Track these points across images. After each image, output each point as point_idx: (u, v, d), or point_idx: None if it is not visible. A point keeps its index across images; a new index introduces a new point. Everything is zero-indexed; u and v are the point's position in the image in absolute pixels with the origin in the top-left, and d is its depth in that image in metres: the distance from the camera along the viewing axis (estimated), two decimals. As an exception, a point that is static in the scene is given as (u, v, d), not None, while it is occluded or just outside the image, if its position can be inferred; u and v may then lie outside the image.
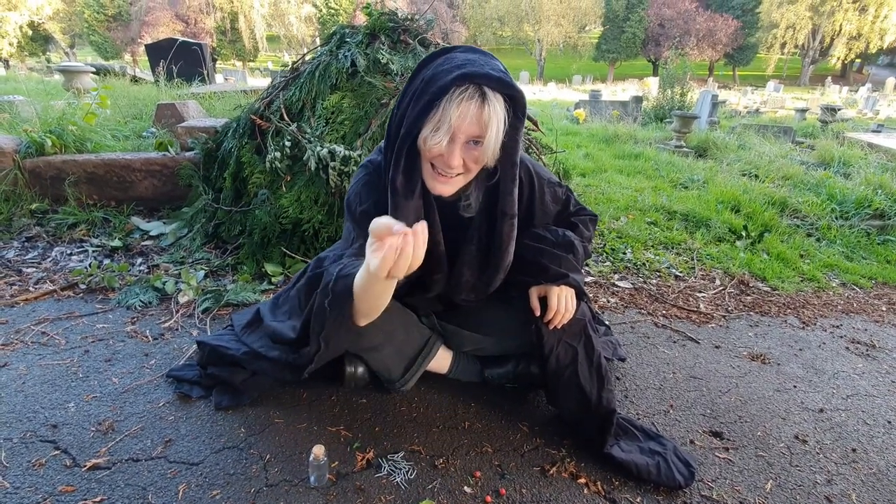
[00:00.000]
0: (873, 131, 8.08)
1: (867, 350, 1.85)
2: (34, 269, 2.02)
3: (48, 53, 25.50)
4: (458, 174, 0.99)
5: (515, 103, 0.95)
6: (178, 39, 6.94)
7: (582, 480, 1.13)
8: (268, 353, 1.25)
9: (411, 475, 1.11)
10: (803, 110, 11.43)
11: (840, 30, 31.37)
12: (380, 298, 0.99)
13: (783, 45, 32.83)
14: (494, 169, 1.04)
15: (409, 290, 1.23)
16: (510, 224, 1.10)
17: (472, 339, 1.35)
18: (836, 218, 3.27)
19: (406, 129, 0.94)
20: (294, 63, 2.51)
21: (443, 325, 1.35)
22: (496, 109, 0.92)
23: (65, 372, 1.40)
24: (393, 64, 2.22)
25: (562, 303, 1.16)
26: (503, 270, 1.15)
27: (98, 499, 1.01)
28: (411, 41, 2.37)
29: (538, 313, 1.18)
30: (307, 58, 2.49)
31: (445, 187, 1.01)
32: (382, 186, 1.06)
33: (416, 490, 1.08)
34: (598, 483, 1.12)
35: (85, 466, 1.08)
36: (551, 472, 1.15)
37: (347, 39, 2.36)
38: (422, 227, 0.79)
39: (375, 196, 1.07)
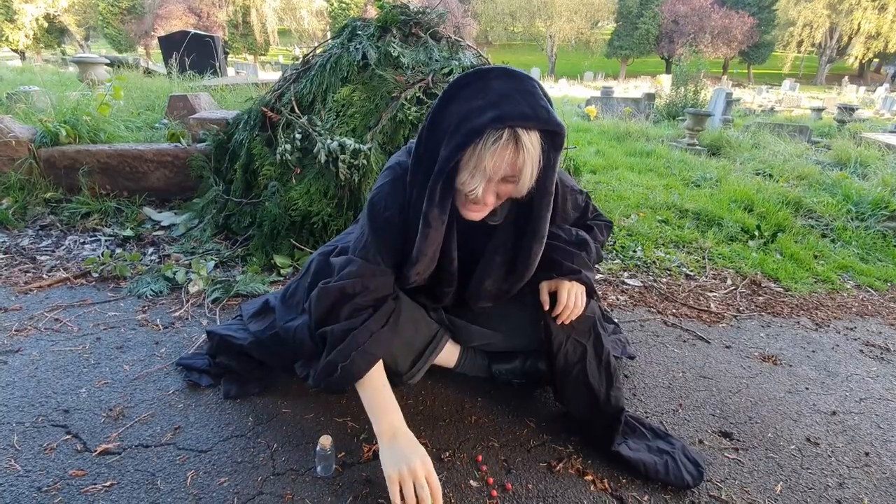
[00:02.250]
0: (891, 132, 7.92)
1: (882, 353, 1.82)
2: (48, 257, 2.04)
3: (63, 46, 25.79)
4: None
5: (554, 136, 0.91)
6: (190, 32, 6.98)
7: (589, 477, 1.12)
8: (272, 347, 1.27)
9: (417, 468, 1.11)
10: (819, 109, 11.26)
11: (858, 28, 30.78)
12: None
13: (800, 44, 32.31)
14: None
15: (420, 301, 1.23)
16: (539, 244, 1.08)
17: (480, 334, 1.34)
18: (852, 219, 3.21)
19: (440, 167, 0.92)
20: (305, 56, 2.51)
21: (451, 319, 1.34)
22: (531, 153, 0.89)
23: (77, 358, 1.42)
24: (404, 57, 2.22)
25: (571, 298, 1.15)
26: (525, 280, 1.14)
27: (108, 483, 1.02)
28: (423, 34, 2.36)
29: (547, 307, 1.17)
30: (318, 51, 2.48)
31: (478, 214, 1.01)
32: (404, 193, 1.05)
33: (422, 483, 1.07)
34: (605, 480, 1.11)
35: (95, 451, 1.10)
36: (558, 468, 1.14)
37: (359, 32, 2.36)
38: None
39: (400, 202, 1.06)
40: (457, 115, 0.90)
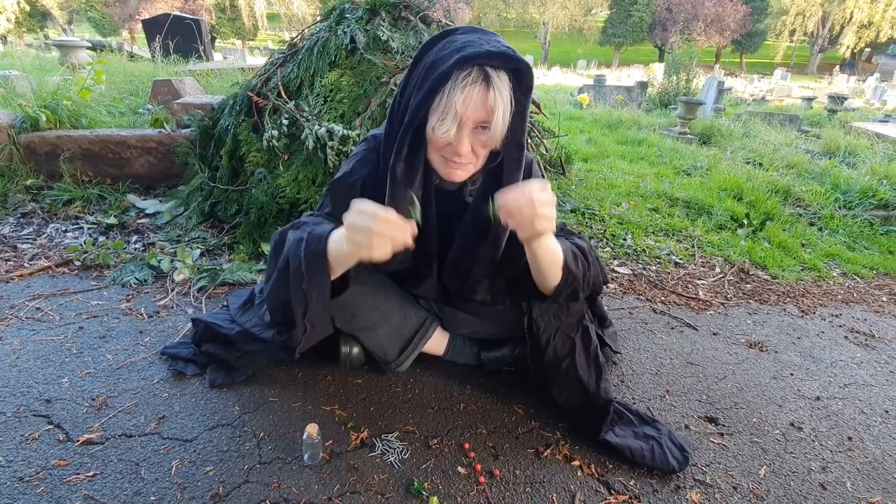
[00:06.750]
0: (881, 121, 8.00)
1: (866, 340, 1.84)
2: (29, 246, 2.00)
3: (46, 30, 25.08)
4: (469, 162, 0.96)
5: (521, 77, 0.90)
6: (172, 14, 6.80)
7: (576, 463, 1.13)
8: (261, 334, 1.24)
9: (405, 455, 1.11)
10: (810, 99, 11.31)
11: (850, 17, 30.84)
12: (348, 266, 0.97)
13: (792, 33, 32.34)
14: (498, 151, 1.01)
15: (406, 288, 1.22)
16: None
17: (469, 321, 1.34)
18: (840, 207, 3.24)
19: (409, 118, 0.90)
20: (293, 39, 2.45)
21: (440, 306, 1.34)
22: (501, 91, 0.88)
23: (59, 348, 1.39)
24: (393, 41, 2.17)
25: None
26: (496, 252, 1.11)
27: (91, 473, 1.01)
28: (412, 18, 2.32)
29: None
30: (306, 33, 2.43)
31: (459, 172, 0.98)
32: (377, 162, 1.03)
33: (410, 469, 1.07)
34: (592, 466, 1.12)
35: (78, 441, 1.08)
36: (545, 454, 1.14)
37: (347, 15, 2.30)
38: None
39: (369, 170, 1.04)
40: (424, 68, 0.90)
